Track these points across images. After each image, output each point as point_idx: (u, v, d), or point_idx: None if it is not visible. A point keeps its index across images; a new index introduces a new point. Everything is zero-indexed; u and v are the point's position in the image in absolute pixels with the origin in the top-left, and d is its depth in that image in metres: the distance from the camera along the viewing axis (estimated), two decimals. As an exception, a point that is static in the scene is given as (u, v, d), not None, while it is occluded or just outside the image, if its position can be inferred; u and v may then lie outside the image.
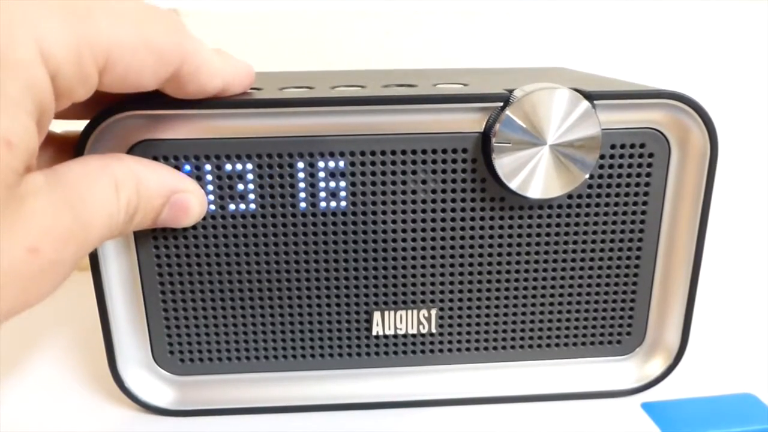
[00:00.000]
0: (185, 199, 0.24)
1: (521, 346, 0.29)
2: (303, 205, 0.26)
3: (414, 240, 0.26)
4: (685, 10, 0.43)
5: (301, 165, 0.25)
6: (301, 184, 0.25)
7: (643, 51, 0.44)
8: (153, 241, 0.26)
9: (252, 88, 0.27)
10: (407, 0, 0.42)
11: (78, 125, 0.24)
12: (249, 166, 0.25)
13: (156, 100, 0.23)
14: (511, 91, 0.24)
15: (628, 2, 0.43)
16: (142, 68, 0.19)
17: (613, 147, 0.25)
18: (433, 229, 0.26)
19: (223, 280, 0.27)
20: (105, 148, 0.24)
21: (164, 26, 0.19)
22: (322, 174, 0.25)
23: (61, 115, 0.24)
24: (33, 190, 0.17)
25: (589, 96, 0.24)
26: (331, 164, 0.25)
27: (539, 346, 0.29)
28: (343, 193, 0.25)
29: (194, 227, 0.26)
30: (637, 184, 0.26)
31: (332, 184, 0.25)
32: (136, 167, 0.21)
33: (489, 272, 0.27)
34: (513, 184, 0.24)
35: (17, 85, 0.15)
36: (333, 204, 0.26)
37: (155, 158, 0.24)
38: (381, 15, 0.43)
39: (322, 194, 0.25)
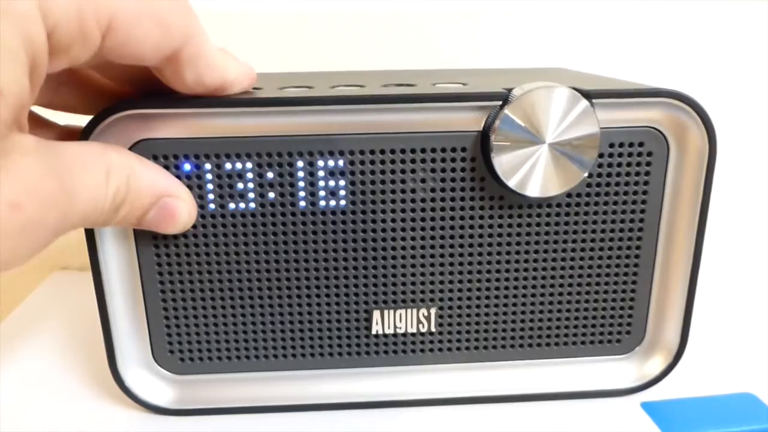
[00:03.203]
0: (174, 204, 0.24)
1: (521, 345, 0.29)
2: (303, 204, 0.26)
3: (413, 239, 0.26)
4: (684, 10, 0.43)
5: (300, 164, 0.25)
6: (301, 183, 0.25)
7: (643, 51, 0.44)
8: (153, 240, 0.26)
9: (252, 88, 0.27)
10: (407, 0, 0.42)
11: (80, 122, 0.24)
12: (249, 165, 0.25)
13: (156, 99, 0.24)
14: (509, 90, 0.24)
15: (627, 2, 0.43)
16: (144, 38, 0.19)
17: (611, 146, 0.25)
18: (433, 228, 0.26)
19: (223, 279, 0.27)
20: (105, 146, 0.24)
21: (173, 3, 0.19)
22: (321, 173, 0.25)
23: (61, 107, 0.24)
24: (21, 149, 0.17)
25: (588, 95, 0.24)
26: (331, 163, 0.25)
27: (539, 345, 0.29)
28: (342, 192, 0.25)
29: (194, 226, 0.26)
30: (636, 183, 0.26)
31: (332, 183, 0.25)
32: (132, 161, 0.22)
33: (488, 271, 0.27)
34: (512, 183, 0.24)
35: (14, 36, 0.15)
36: (332, 203, 0.26)
37: (155, 157, 0.24)
38: (381, 15, 0.43)
39: (322, 193, 0.25)
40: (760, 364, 0.32)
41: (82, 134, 0.23)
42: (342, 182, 0.25)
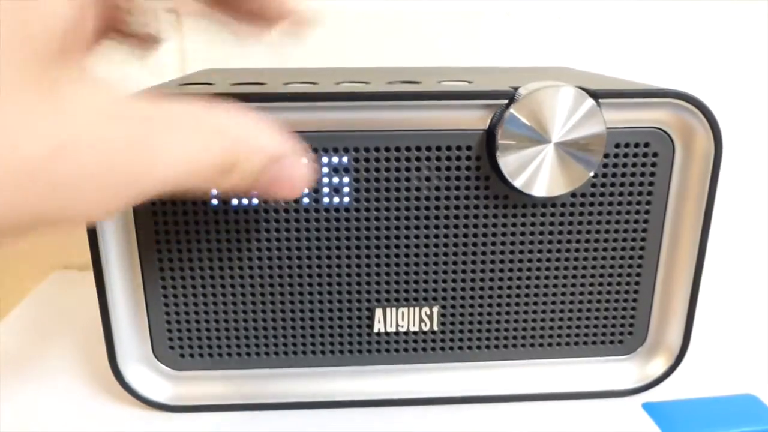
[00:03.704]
0: (293, 166, 0.19)
1: (523, 345, 0.28)
2: (306, 200, 0.25)
3: (417, 237, 0.26)
4: (689, 10, 0.43)
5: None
6: None
7: (646, 51, 0.44)
8: (155, 235, 0.26)
9: (256, 83, 0.26)
10: (407, 0, 0.42)
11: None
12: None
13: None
14: (516, 89, 0.24)
15: (628, 2, 0.43)
16: None
17: (617, 146, 0.25)
18: (436, 227, 0.26)
19: (225, 276, 0.27)
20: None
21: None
22: (325, 169, 0.25)
23: None
24: (74, 79, 0.14)
25: (595, 94, 0.24)
26: (335, 160, 0.25)
27: (541, 345, 0.29)
28: (346, 189, 0.25)
29: (196, 222, 0.26)
30: (641, 184, 0.26)
31: (336, 179, 0.25)
32: (247, 123, 0.18)
33: (491, 270, 0.27)
34: (517, 183, 0.24)
35: None
36: (336, 200, 0.26)
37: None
38: (381, 15, 0.43)
39: (326, 190, 0.25)
40: (762, 366, 0.32)
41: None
42: (346, 179, 0.25)
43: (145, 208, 0.25)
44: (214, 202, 0.25)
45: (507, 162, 0.24)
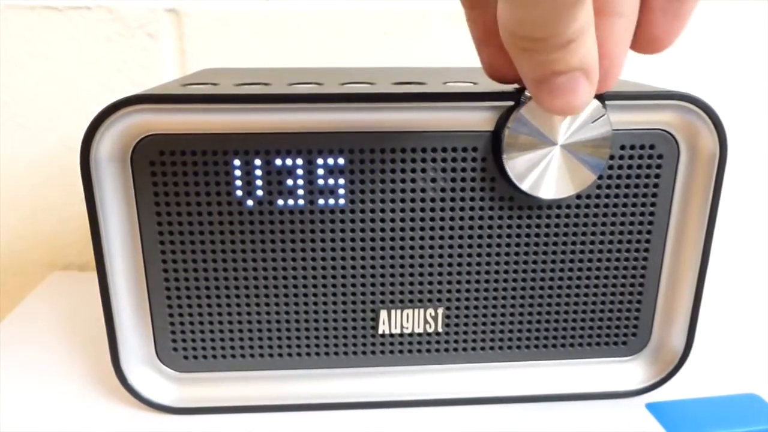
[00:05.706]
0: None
1: (527, 347, 0.29)
2: (305, 201, 0.25)
3: (422, 238, 0.26)
4: (695, 10, 0.43)
5: (301, 161, 0.25)
6: (300, 181, 0.25)
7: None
8: (158, 236, 0.26)
9: (260, 83, 0.26)
10: (407, 0, 0.42)
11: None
12: (257, 161, 0.25)
13: (167, 93, 0.23)
14: (522, 90, 0.24)
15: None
16: None
17: (622, 148, 0.25)
18: (442, 228, 0.26)
19: (229, 277, 0.26)
20: (113, 140, 0.24)
21: None
22: (329, 170, 0.25)
23: None
24: None
25: (600, 96, 0.24)
26: (341, 161, 0.25)
27: (545, 346, 0.29)
28: (351, 190, 0.25)
29: (200, 223, 0.25)
30: (646, 186, 0.26)
31: (341, 180, 0.25)
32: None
33: (496, 272, 0.27)
34: (524, 185, 0.24)
35: None
36: (341, 201, 0.25)
37: (162, 152, 0.24)
38: (380, 15, 0.42)
39: (332, 191, 0.25)
40: (765, 365, 0.32)
41: (89, 129, 0.23)
42: (351, 180, 0.25)
43: (148, 208, 0.25)
44: (220, 202, 0.25)
45: (513, 164, 0.24)
